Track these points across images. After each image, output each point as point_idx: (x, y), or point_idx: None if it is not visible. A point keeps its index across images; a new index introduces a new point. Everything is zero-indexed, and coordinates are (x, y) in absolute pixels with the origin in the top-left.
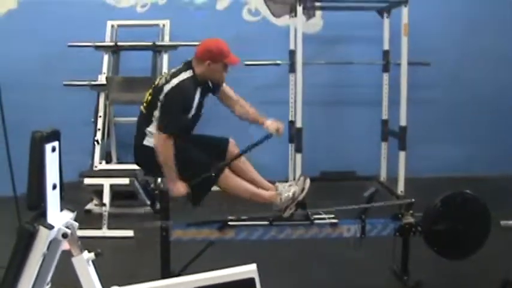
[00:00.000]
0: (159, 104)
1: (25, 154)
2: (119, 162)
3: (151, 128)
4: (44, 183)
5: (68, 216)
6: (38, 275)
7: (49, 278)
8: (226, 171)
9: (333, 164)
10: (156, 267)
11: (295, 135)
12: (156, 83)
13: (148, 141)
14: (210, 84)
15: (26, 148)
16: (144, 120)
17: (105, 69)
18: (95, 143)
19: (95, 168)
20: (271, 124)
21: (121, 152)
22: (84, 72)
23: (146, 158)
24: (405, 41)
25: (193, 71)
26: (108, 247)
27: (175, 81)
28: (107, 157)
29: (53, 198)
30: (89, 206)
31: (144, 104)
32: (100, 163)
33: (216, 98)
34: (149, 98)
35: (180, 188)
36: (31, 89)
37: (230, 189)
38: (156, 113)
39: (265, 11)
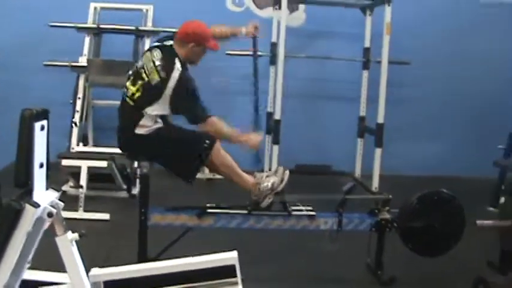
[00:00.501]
0: (161, 101)
1: (2, 134)
2: (96, 145)
3: (143, 121)
4: (32, 161)
5: (53, 195)
6: (20, 253)
7: (30, 257)
8: (218, 144)
9: (309, 158)
10: (132, 252)
11: (273, 127)
12: (145, 79)
13: (139, 131)
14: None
15: (2, 128)
16: (134, 114)
17: (86, 51)
18: (73, 124)
19: (72, 150)
20: (247, 28)
21: (98, 135)
22: (65, 53)
23: (138, 146)
24: (387, 39)
25: (178, 57)
26: (84, 229)
27: (175, 75)
28: (83, 139)
29: (39, 176)
30: (65, 187)
31: (132, 97)
32: (77, 145)
33: None
34: (138, 94)
35: (253, 137)
36: (11, 68)
37: (220, 164)
38: (150, 110)
39: (249, 2)
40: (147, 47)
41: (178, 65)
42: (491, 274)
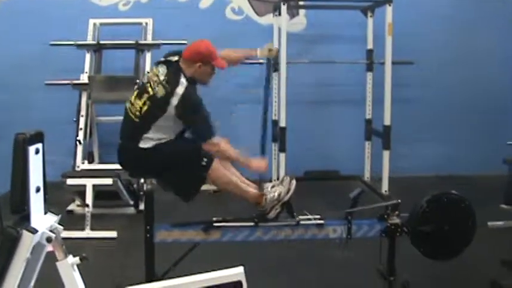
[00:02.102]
0: (166, 115)
1: (6, 154)
2: (101, 162)
3: (149, 134)
4: (28, 186)
5: (52, 219)
6: (21, 280)
7: (32, 283)
8: (217, 162)
9: (317, 164)
10: (140, 269)
11: (278, 135)
12: (151, 93)
13: (143, 145)
14: None
15: (6, 148)
16: (139, 128)
17: (87, 68)
18: (77, 142)
19: (77, 169)
20: (262, 51)
21: (103, 151)
22: (66, 71)
23: (138, 161)
24: (389, 40)
25: (184, 73)
26: (91, 248)
27: (179, 91)
28: (89, 157)
29: (36, 201)
30: (71, 207)
31: (137, 113)
32: (82, 163)
33: None
34: (145, 108)
35: (259, 162)
36: (12, 88)
37: (220, 181)
38: (159, 122)
39: (248, 10)
40: (148, 60)
41: (183, 80)
42: (507, 274)
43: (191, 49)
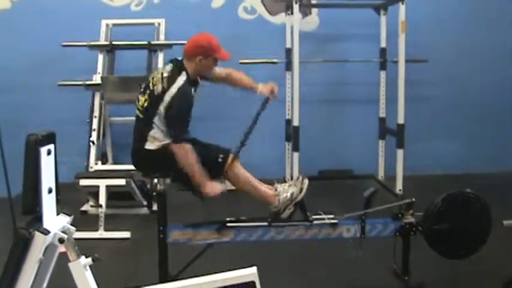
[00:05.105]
0: (158, 112)
1: (19, 155)
2: (115, 162)
3: (153, 133)
4: (40, 187)
5: (64, 220)
6: (34, 281)
7: (45, 284)
8: (233, 159)
9: (331, 163)
10: (153, 270)
11: (292, 134)
12: (151, 88)
13: (149, 145)
14: (199, 79)
15: (20, 149)
16: (143, 125)
17: (100, 68)
18: (91, 143)
19: (90, 169)
20: (264, 88)
21: (117, 152)
22: (78, 72)
23: (148, 161)
24: (402, 38)
25: (186, 72)
26: (104, 249)
27: (173, 89)
28: (102, 157)
29: (48, 202)
30: (85, 207)
31: (140, 109)
32: (96, 164)
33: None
34: (145, 104)
35: (215, 187)
36: (26, 89)
37: (236, 180)
38: (156, 120)
39: (261, 9)
40: (160, 61)
41: (181, 79)
42: None
43: (190, 44)
